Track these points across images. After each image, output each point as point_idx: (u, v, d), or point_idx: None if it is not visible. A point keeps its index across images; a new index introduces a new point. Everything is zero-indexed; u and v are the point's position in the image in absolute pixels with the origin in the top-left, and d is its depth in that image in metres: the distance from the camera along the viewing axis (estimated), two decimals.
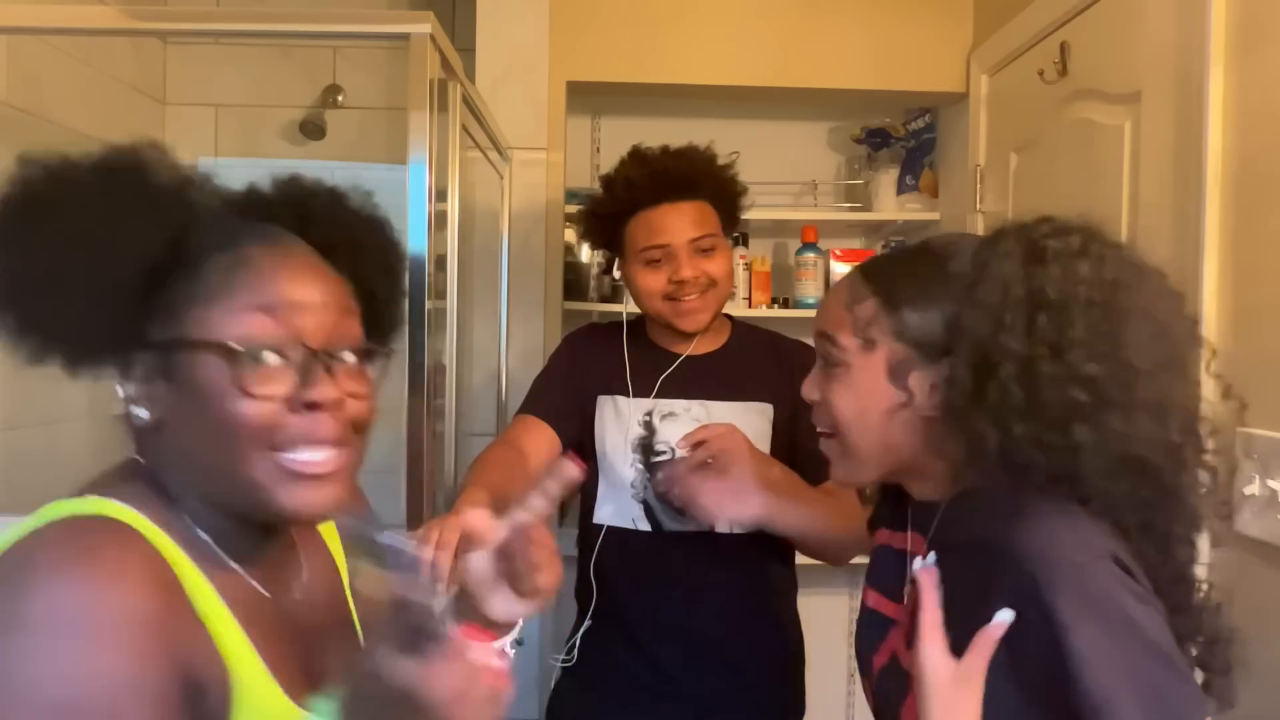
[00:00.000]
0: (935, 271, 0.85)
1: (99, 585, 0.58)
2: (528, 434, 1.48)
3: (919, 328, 0.84)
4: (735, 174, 1.53)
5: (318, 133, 2.44)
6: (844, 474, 0.92)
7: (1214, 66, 1.33)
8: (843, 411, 0.88)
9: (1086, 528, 0.75)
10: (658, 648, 1.46)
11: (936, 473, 0.87)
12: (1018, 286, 0.78)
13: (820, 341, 0.91)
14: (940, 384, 0.82)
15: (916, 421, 0.85)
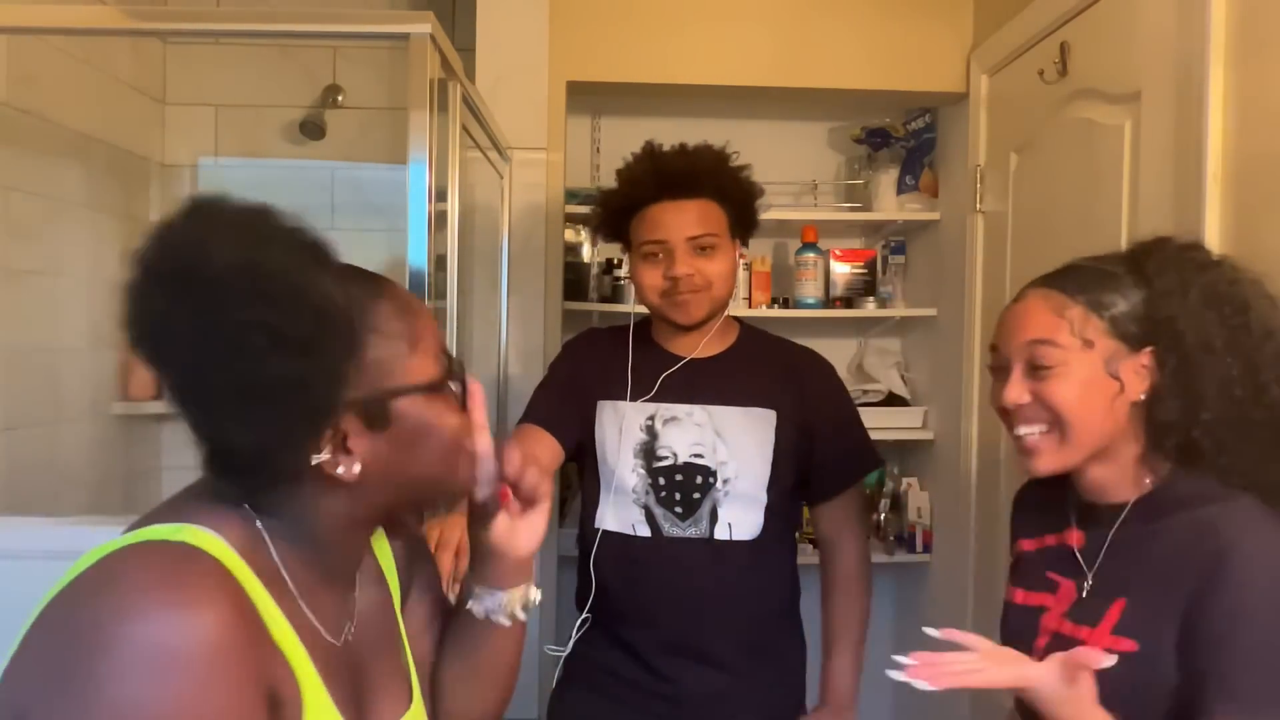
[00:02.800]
0: (1115, 280, 1.02)
1: (188, 611, 0.60)
2: (528, 442, 1.48)
3: (1126, 323, 1.00)
4: (748, 175, 1.52)
5: (318, 133, 2.44)
6: (1058, 462, 1.03)
7: (1214, 66, 1.33)
8: (1068, 404, 1.00)
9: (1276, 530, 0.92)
10: (658, 650, 1.46)
11: (1120, 456, 1.03)
12: (1195, 288, 0.99)
13: (1033, 347, 1.02)
14: (1141, 370, 0.99)
15: (1124, 406, 1.01)
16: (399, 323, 0.73)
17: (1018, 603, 1.12)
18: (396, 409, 0.72)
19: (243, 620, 0.63)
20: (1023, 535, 1.17)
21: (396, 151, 1.29)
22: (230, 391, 0.65)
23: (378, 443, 0.72)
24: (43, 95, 1.93)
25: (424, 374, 0.74)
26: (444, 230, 1.46)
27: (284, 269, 0.65)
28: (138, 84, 2.37)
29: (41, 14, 1.47)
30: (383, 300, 0.73)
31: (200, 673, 0.59)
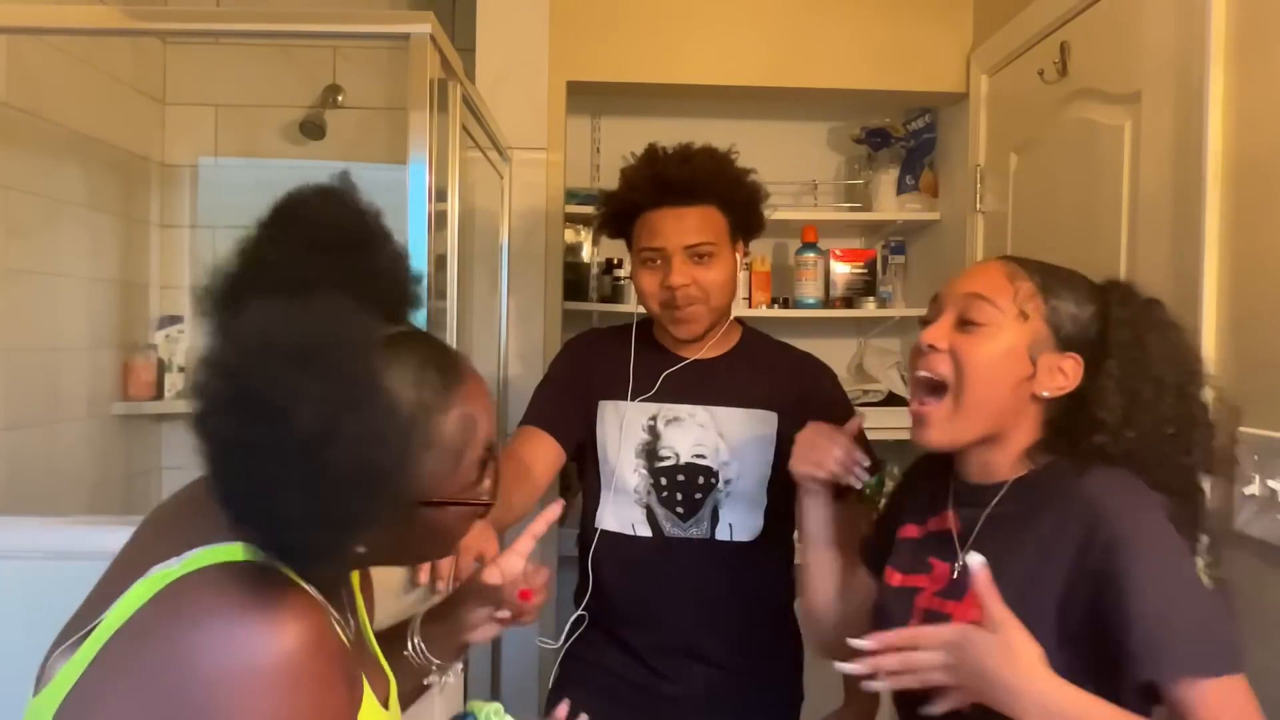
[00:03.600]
0: (1078, 284, 1.05)
1: (294, 633, 0.63)
2: (529, 444, 1.48)
3: (1064, 319, 1.02)
4: (751, 179, 1.50)
5: (318, 133, 2.44)
6: (947, 434, 1.03)
7: (1214, 66, 1.33)
8: (978, 362, 1.00)
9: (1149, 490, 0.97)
10: (657, 650, 1.46)
11: (1008, 444, 1.03)
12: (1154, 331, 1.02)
13: (970, 300, 1.02)
14: (1055, 371, 1.01)
15: (1026, 395, 1.01)
16: (458, 437, 0.73)
17: (894, 585, 1.11)
18: (422, 515, 0.73)
19: (328, 624, 0.67)
20: (909, 520, 1.15)
21: (396, 151, 1.29)
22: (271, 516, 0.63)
23: (389, 531, 0.69)
24: (43, 95, 1.93)
25: (458, 485, 0.75)
26: (444, 230, 1.46)
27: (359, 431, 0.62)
28: (138, 84, 2.37)
29: (41, 14, 1.47)
30: (451, 412, 0.73)
31: (314, 685, 0.63)
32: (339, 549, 0.66)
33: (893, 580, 1.12)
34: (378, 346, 0.67)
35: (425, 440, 0.70)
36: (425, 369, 0.73)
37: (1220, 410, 1.07)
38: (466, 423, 0.74)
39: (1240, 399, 1.28)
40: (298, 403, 0.60)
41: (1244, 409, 1.27)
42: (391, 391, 0.66)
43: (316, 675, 0.63)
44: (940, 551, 1.08)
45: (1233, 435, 1.25)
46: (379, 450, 0.63)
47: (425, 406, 0.71)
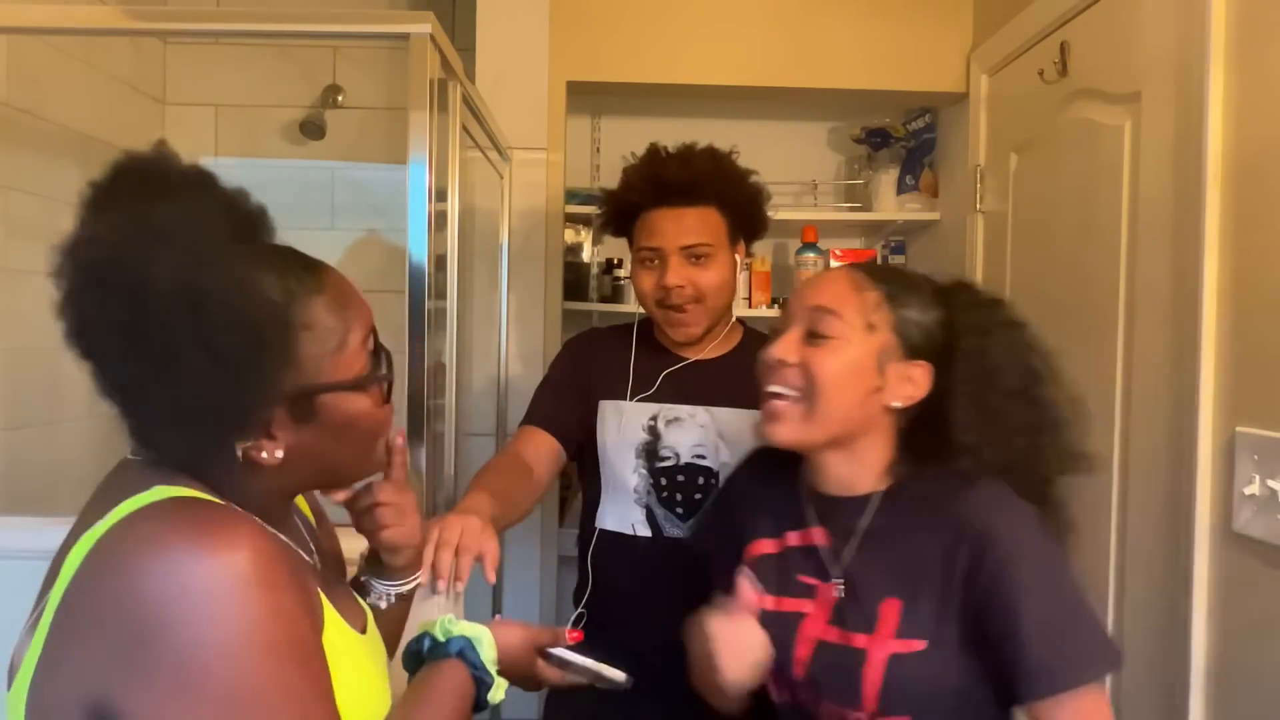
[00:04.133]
0: (923, 291, 1.04)
1: (240, 546, 0.65)
2: (529, 443, 1.48)
3: (911, 329, 1.01)
4: (752, 180, 1.49)
5: (318, 133, 2.44)
6: (796, 433, 1.02)
7: (1214, 66, 1.33)
8: (829, 376, 1.00)
9: (1023, 503, 0.99)
10: (655, 651, 1.46)
11: (863, 454, 1.03)
12: (999, 333, 1.02)
13: (818, 314, 1.02)
14: (904, 381, 1.01)
15: (877, 405, 1.01)
16: (333, 318, 0.75)
17: (770, 609, 1.06)
18: (321, 403, 0.75)
19: (271, 538, 0.69)
20: (760, 535, 1.12)
21: (396, 151, 1.29)
22: (164, 401, 0.67)
23: (302, 433, 0.75)
24: (43, 95, 1.93)
25: (351, 370, 0.77)
26: (444, 230, 1.46)
27: (224, 289, 0.65)
28: (138, 84, 2.37)
29: (41, 14, 1.47)
30: (321, 295, 0.75)
31: (268, 588, 0.64)
32: (218, 445, 0.70)
33: (766, 604, 1.06)
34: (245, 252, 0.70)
35: (299, 320, 0.72)
36: (288, 259, 0.76)
37: (1074, 407, 1.06)
38: (340, 304, 0.76)
39: (1240, 399, 1.28)
40: (160, 276, 0.63)
41: (1244, 409, 1.27)
42: (255, 274, 0.70)
43: (262, 581, 0.64)
44: (811, 569, 1.05)
45: (1230, 434, 1.26)
46: (249, 324, 0.66)
47: (291, 288, 0.72)
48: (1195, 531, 1.32)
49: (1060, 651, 0.91)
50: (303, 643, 0.67)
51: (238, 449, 0.72)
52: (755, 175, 1.50)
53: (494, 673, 0.89)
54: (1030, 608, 0.91)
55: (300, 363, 0.72)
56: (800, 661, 1.03)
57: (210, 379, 0.65)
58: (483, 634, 0.89)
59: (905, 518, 1.00)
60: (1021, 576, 0.92)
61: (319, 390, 0.74)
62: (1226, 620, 1.30)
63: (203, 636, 0.62)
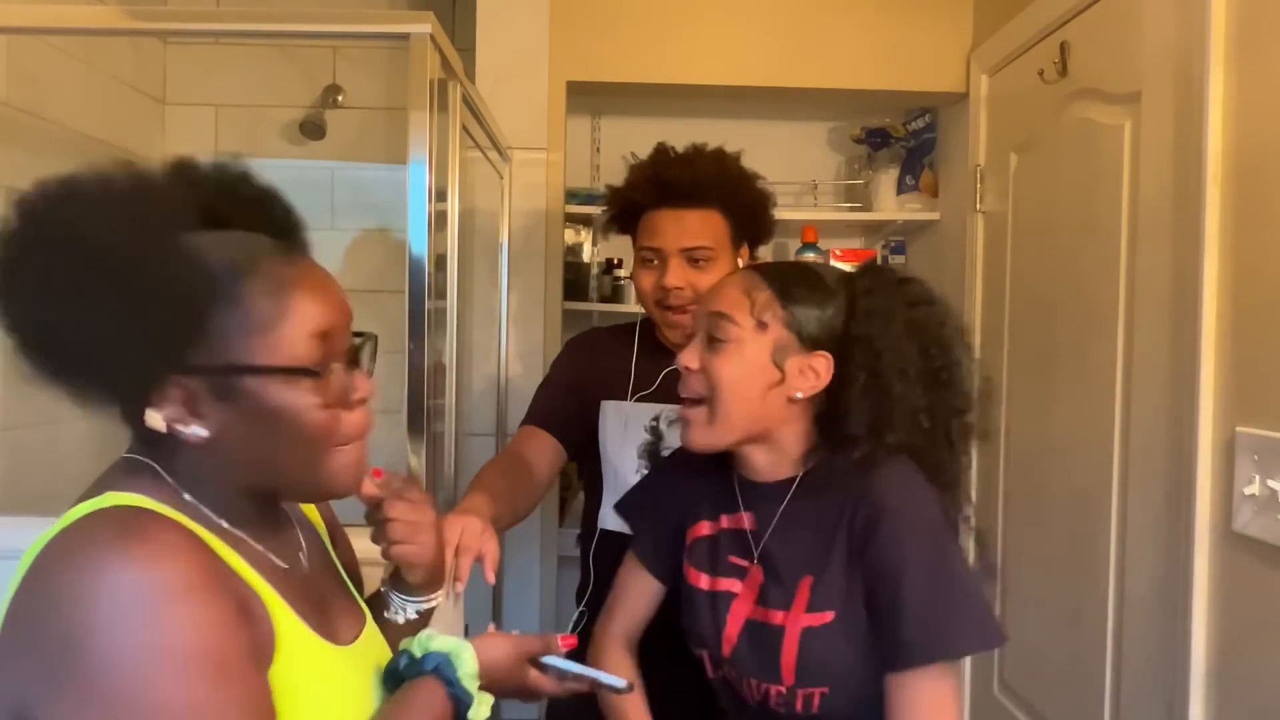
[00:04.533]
0: (817, 283, 1.07)
1: (161, 557, 0.64)
2: (530, 444, 1.47)
3: (804, 322, 1.04)
4: (757, 183, 1.48)
5: (318, 133, 2.44)
6: (707, 438, 1.07)
7: (1214, 66, 1.33)
8: (726, 379, 1.04)
9: (925, 485, 1.03)
10: (658, 648, 1.46)
11: (781, 444, 1.07)
12: (899, 317, 1.04)
13: (713, 319, 1.06)
14: (807, 371, 1.03)
15: (781, 398, 1.04)
16: (265, 298, 0.72)
17: (703, 587, 1.12)
18: (244, 386, 0.71)
19: (201, 552, 0.68)
20: (701, 519, 1.16)
21: (396, 151, 1.29)
22: (70, 348, 0.68)
23: (228, 415, 0.72)
24: (43, 95, 1.93)
25: (281, 357, 0.72)
26: (444, 230, 1.46)
27: (143, 245, 0.66)
28: (138, 84, 2.37)
29: (41, 14, 1.47)
30: (254, 274, 0.72)
31: (186, 600, 0.63)
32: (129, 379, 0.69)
33: (699, 582, 1.13)
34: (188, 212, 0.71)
35: (222, 293, 0.70)
36: (252, 241, 0.75)
37: (983, 384, 1.10)
38: (282, 290, 0.72)
39: (1240, 399, 1.28)
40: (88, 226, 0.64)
41: (1244, 409, 1.27)
42: (184, 240, 0.69)
43: (178, 593, 0.63)
44: (739, 550, 1.11)
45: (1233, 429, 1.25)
46: (158, 279, 0.66)
47: (226, 262, 0.71)
48: (1195, 531, 1.32)
49: (933, 626, 0.96)
50: (220, 656, 0.64)
51: (160, 419, 0.70)
52: (762, 180, 1.49)
53: (474, 689, 0.84)
54: (910, 582, 0.96)
55: (216, 336, 0.70)
56: (729, 639, 1.08)
57: (106, 326, 0.66)
58: (462, 649, 0.85)
59: (817, 499, 1.05)
60: (905, 552, 0.97)
61: (237, 370, 0.71)
62: (1226, 620, 1.30)
63: (111, 649, 0.61)
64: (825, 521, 1.03)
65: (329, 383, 0.74)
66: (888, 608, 0.98)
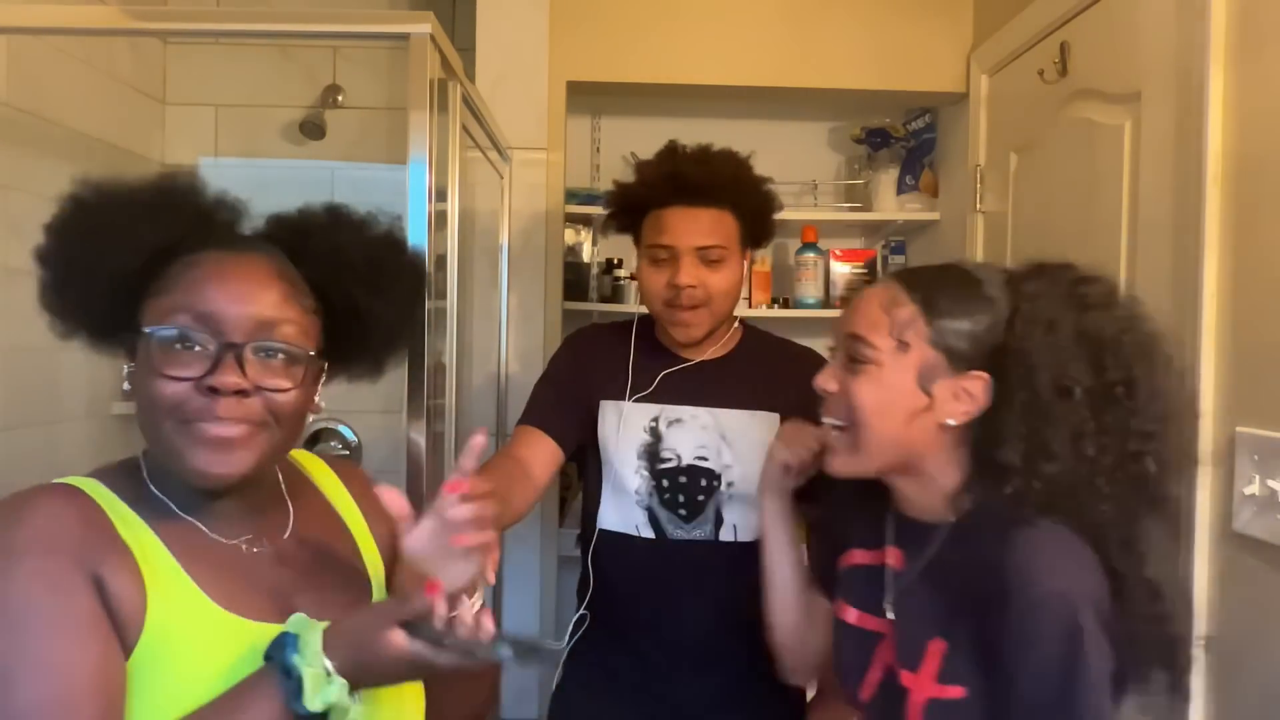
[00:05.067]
0: (971, 291, 0.93)
1: (17, 520, 0.73)
2: (528, 445, 1.47)
3: (954, 339, 0.92)
4: (766, 186, 1.49)
5: (318, 133, 2.43)
6: (849, 465, 0.98)
7: (1214, 67, 1.33)
8: (866, 404, 0.94)
9: (1083, 567, 0.85)
10: (658, 651, 1.46)
11: (933, 476, 0.95)
12: (1067, 326, 0.88)
13: (850, 341, 0.96)
14: (961, 395, 0.91)
15: (931, 425, 0.93)
16: (179, 269, 0.81)
17: (852, 624, 1.04)
18: (140, 348, 0.80)
19: (63, 519, 0.74)
20: (857, 544, 1.07)
21: (396, 151, 1.29)
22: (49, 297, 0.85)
23: (134, 378, 0.81)
24: (43, 95, 1.93)
25: (154, 319, 0.79)
26: (444, 230, 1.46)
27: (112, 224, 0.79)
28: (138, 84, 2.37)
29: (41, 14, 1.47)
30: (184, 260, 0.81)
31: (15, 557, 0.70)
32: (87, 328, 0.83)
33: (847, 616, 1.05)
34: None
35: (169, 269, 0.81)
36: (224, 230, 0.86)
37: (1180, 414, 0.91)
38: (189, 266, 0.81)
39: (1240, 399, 1.28)
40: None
41: (1244, 409, 1.27)
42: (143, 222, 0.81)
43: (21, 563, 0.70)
44: (885, 590, 1.01)
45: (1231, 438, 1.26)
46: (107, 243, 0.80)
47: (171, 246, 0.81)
48: (1195, 531, 1.32)
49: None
50: (19, 612, 0.69)
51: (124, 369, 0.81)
52: (770, 183, 1.49)
53: (309, 668, 0.72)
54: (1021, 687, 0.83)
55: (148, 297, 0.81)
56: (869, 685, 0.99)
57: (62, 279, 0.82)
58: (304, 629, 0.76)
59: (966, 551, 0.91)
60: (1028, 649, 0.82)
61: (135, 328, 0.80)
62: (1226, 620, 1.30)
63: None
64: (969, 581, 0.89)
65: (171, 355, 0.78)
66: (998, 699, 0.85)
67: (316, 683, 0.72)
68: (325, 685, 0.72)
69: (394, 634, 0.74)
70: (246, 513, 0.86)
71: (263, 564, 0.85)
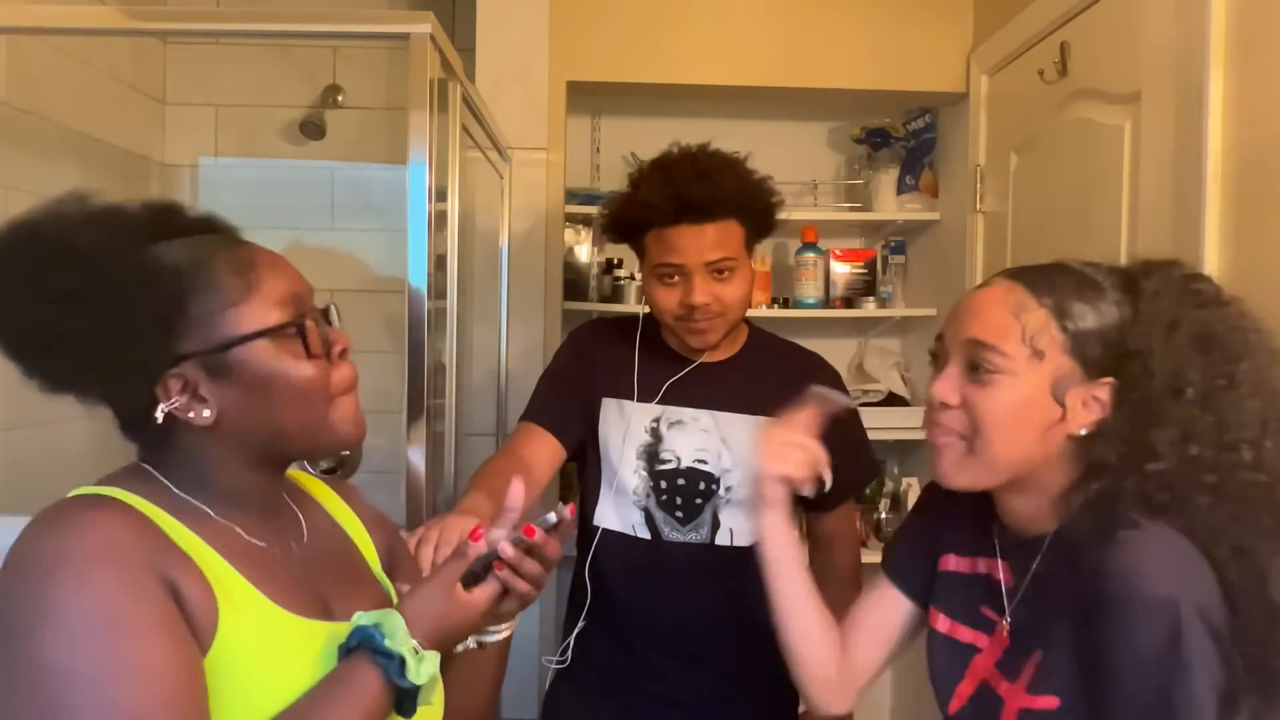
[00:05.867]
0: (1099, 293, 0.88)
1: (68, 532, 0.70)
2: (529, 443, 1.46)
3: (1090, 344, 0.87)
4: (767, 186, 1.45)
5: (318, 133, 2.44)
6: (964, 479, 0.92)
7: (1214, 67, 1.33)
8: (995, 418, 0.88)
9: (1190, 570, 0.80)
10: (653, 652, 1.46)
11: (1044, 486, 0.90)
12: (1187, 324, 0.85)
13: (973, 349, 0.89)
14: (1091, 403, 0.87)
15: (1061, 437, 0.88)
16: (233, 276, 0.78)
17: (945, 633, 1.00)
18: (235, 359, 0.77)
19: (130, 529, 0.72)
20: (955, 550, 1.02)
21: (396, 151, 1.29)
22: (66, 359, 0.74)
23: (227, 391, 0.78)
24: (43, 95, 1.93)
25: (260, 322, 0.78)
26: (444, 230, 1.46)
27: (115, 252, 0.73)
28: (138, 84, 2.37)
29: (41, 14, 1.47)
30: (217, 260, 0.79)
31: (82, 569, 0.68)
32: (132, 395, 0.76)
33: (937, 623, 1.01)
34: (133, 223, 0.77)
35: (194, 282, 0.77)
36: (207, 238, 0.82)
37: None
38: (242, 268, 0.79)
39: None
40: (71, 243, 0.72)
41: None
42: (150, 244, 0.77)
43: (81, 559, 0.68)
44: (991, 602, 0.97)
45: None
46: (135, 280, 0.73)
47: (195, 255, 0.78)
48: None
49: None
50: (115, 621, 0.67)
51: (161, 406, 0.76)
52: (769, 179, 1.47)
53: (405, 648, 0.78)
54: (1120, 685, 0.79)
55: (201, 321, 0.77)
56: (959, 697, 0.96)
57: (104, 331, 0.72)
58: (386, 615, 0.80)
59: (1069, 558, 0.86)
60: (1125, 645, 0.78)
61: (226, 344, 0.77)
62: None
63: (6, 612, 0.67)
64: (1070, 587, 0.85)
65: (310, 338, 0.80)
66: (1095, 706, 0.81)
67: (415, 658, 0.78)
68: (423, 660, 0.78)
69: (461, 593, 0.82)
70: (270, 516, 0.86)
71: (296, 564, 0.86)
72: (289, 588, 0.81)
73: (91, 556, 0.68)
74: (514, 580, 0.84)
